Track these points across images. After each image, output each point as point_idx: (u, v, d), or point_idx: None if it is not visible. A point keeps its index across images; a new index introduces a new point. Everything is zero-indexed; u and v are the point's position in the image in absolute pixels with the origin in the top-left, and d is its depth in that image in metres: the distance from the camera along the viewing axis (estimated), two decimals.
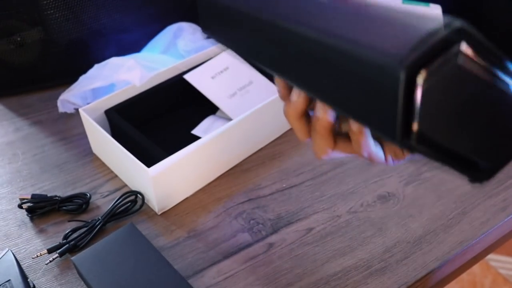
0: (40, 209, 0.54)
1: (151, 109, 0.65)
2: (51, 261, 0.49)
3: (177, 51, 0.75)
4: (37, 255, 0.49)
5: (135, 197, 0.54)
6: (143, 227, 0.53)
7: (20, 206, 0.54)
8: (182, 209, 0.55)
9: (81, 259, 0.46)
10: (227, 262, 0.50)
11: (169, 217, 0.54)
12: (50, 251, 0.49)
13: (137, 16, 0.76)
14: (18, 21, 0.68)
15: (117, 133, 0.60)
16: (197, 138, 0.55)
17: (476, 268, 1.39)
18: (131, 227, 0.49)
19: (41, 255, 0.49)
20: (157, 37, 0.76)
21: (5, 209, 0.55)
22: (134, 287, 0.44)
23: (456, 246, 0.51)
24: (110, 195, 0.57)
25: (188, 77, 0.66)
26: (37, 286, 0.47)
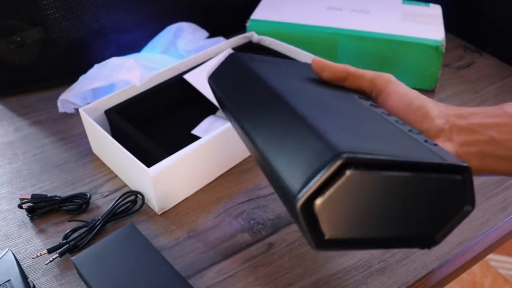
0: (40, 209, 0.54)
1: (151, 109, 0.65)
2: (51, 261, 0.49)
3: (177, 51, 0.75)
4: (37, 255, 0.49)
5: (135, 197, 0.55)
6: (143, 227, 0.53)
7: (20, 206, 0.54)
8: (182, 209, 0.55)
9: (81, 259, 0.46)
10: (227, 262, 0.50)
11: (169, 217, 0.54)
12: (50, 251, 0.49)
13: (137, 16, 0.76)
14: (18, 21, 0.68)
15: (117, 133, 0.60)
16: (197, 138, 0.55)
17: (476, 268, 1.39)
18: (131, 227, 0.49)
19: (41, 255, 0.49)
20: (157, 37, 0.76)
21: (5, 209, 0.55)
22: (134, 287, 0.44)
23: (456, 246, 0.51)
24: (110, 195, 0.57)
25: (188, 77, 0.66)
26: (37, 286, 0.47)
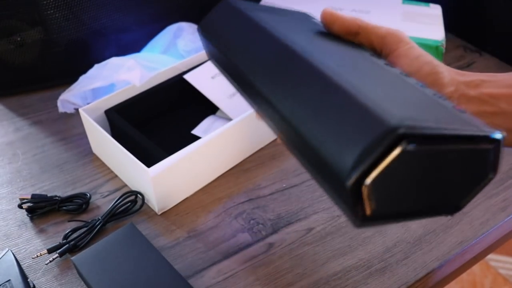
0: (40, 209, 0.54)
1: (151, 109, 0.65)
2: (51, 261, 0.49)
3: (177, 51, 0.75)
4: (37, 255, 0.49)
5: (135, 197, 0.55)
6: (143, 227, 0.53)
7: (20, 206, 0.54)
8: (182, 209, 0.55)
9: (81, 259, 0.46)
10: (227, 262, 0.50)
11: (169, 217, 0.54)
12: (50, 251, 0.49)
13: (137, 16, 0.76)
14: (18, 21, 0.67)
15: (117, 133, 0.60)
16: (197, 138, 0.55)
17: (476, 268, 1.39)
18: (131, 227, 0.49)
19: (41, 255, 0.49)
20: (157, 37, 0.76)
21: (5, 209, 0.55)
22: (134, 287, 0.44)
23: (456, 246, 0.51)
24: (110, 195, 0.57)
25: (188, 77, 0.66)
26: (37, 286, 0.47)
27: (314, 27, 0.40)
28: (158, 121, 0.66)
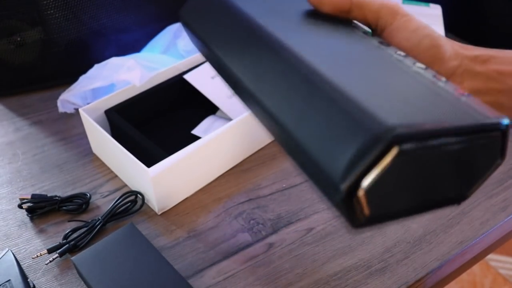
0: (40, 209, 0.54)
1: (151, 109, 0.65)
2: (51, 261, 0.49)
3: (177, 51, 0.75)
4: (37, 255, 0.49)
5: (135, 197, 0.55)
6: (143, 227, 0.53)
7: (20, 206, 0.54)
8: (182, 209, 0.55)
9: (81, 259, 0.46)
10: (227, 262, 0.50)
11: (169, 217, 0.54)
12: (50, 251, 0.49)
13: (137, 16, 0.76)
14: (18, 21, 0.67)
15: (117, 133, 0.60)
16: (197, 138, 0.55)
17: (476, 268, 1.39)
18: (131, 227, 0.49)
19: (41, 255, 0.49)
20: (157, 37, 0.76)
21: (5, 209, 0.55)
22: (134, 287, 0.44)
23: (456, 246, 0.51)
24: (110, 195, 0.57)
25: (188, 77, 0.66)
26: (37, 286, 0.47)
27: (302, 6, 0.37)
28: (158, 121, 0.66)
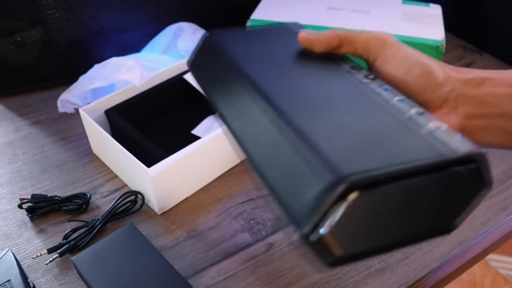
0: (40, 209, 0.54)
1: (151, 109, 0.65)
2: (51, 261, 0.49)
3: (177, 51, 0.75)
4: (37, 255, 0.49)
5: (135, 197, 0.55)
6: (143, 227, 0.53)
7: (20, 206, 0.54)
8: (182, 209, 0.55)
9: (81, 259, 0.46)
10: (227, 262, 0.50)
11: (169, 217, 0.54)
12: (50, 251, 0.49)
13: (137, 16, 0.76)
14: (18, 21, 0.68)
15: (117, 133, 0.60)
16: (197, 138, 0.55)
17: (476, 268, 1.39)
18: (131, 227, 0.49)
19: (41, 255, 0.49)
20: (157, 37, 0.76)
21: (5, 209, 0.55)
22: (134, 287, 0.44)
23: (456, 246, 0.51)
24: (110, 195, 0.57)
25: (188, 77, 0.66)
26: (37, 286, 0.47)
27: (293, 48, 0.40)
28: (158, 121, 0.66)
